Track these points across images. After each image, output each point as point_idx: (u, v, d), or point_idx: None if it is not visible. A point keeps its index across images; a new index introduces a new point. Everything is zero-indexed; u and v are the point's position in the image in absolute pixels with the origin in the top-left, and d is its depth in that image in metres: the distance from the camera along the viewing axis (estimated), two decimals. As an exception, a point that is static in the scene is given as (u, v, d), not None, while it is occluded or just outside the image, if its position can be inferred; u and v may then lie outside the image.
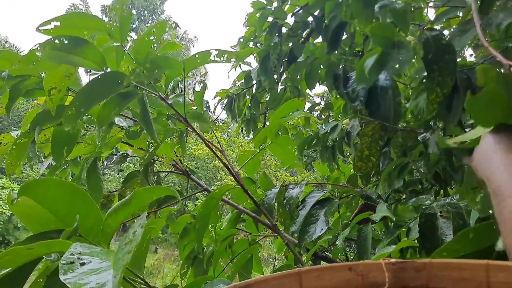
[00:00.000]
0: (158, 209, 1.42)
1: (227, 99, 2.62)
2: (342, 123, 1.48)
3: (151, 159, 1.34)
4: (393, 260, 0.39)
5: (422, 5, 1.31)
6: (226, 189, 1.22)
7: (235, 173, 1.18)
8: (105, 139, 1.27)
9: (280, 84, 2.37)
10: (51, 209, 0.55)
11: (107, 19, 1.08)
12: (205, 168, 16.62)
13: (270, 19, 2.06)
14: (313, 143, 1.83)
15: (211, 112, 1.46)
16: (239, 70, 2.51)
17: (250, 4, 2.10)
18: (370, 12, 1.25)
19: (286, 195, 1.25)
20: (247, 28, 2.37)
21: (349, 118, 1.39)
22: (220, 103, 2.67)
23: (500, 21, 0.89)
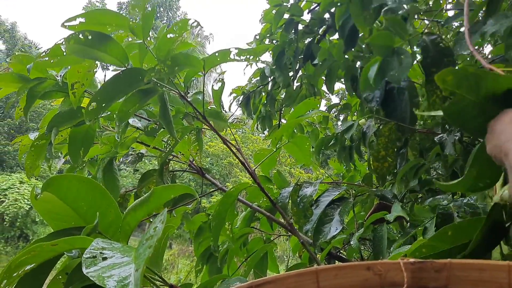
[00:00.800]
0: (173, 208, 1.43)
1: (242, 96, 2.62)
2: (358, 123, 1.47)
3: (166, 158, 1.36)
4: (412, 259, 0.39)
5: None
6: (242, 187, 1.22)
7: (252, 171, 1.19)
8: (121, 139, 1.28)
9: (296, 81, 2.36)
10: (72, 205, 0.56)
11: (127, 15, 1.09)
12: (220, 164, 16.67)
13: (286, 16, 2.05)
14: (331, 143, 1.82)
15: (225, 110, 1.46)
16: (254, 67, 2.51)
17: (266, 0, 2.10)
18: (368, 14, 1.26)
19: (300, 193, 1.25)
20: (263, 24, 2.37)
21: (366, 118, 1.38)
22: (235, 100, 2.68)
23: (486, 29, 0.90)
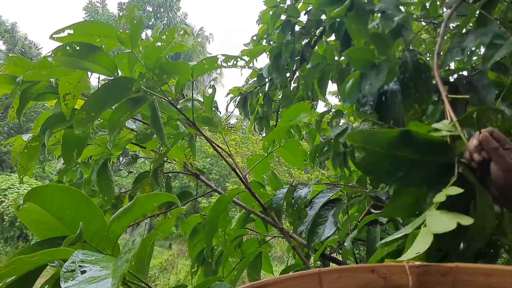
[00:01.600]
0: (168, 210, 1.44)
1: (239, 97, 2.62)
2: (352, 126, 1.47)
3: (161, 161, 1.36)
4: (417, 263, 0.38)
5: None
6: (235, 193, 1.23)
7: (243, 176, 1.19)
8: (115, 141, 1.28)
9: (293, 82, 2.36)
10: (57, 215, 0.56)
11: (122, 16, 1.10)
12: (220, 165, 16.66)
13: (283, 17, 2.05)
14: (325, 149, 1.83)
15: (219, 112, 1.46)
16: (252, 68, 2.51)
17: (263, 1, 2.10)
18: (363, 26, 1.28)
19: (294, 195, 1.25)
20: (260, 25, 2.37)
21: (360, 121, 1.39)
22: (232, 101, 2.68)
23: (465, 45, 0.93)
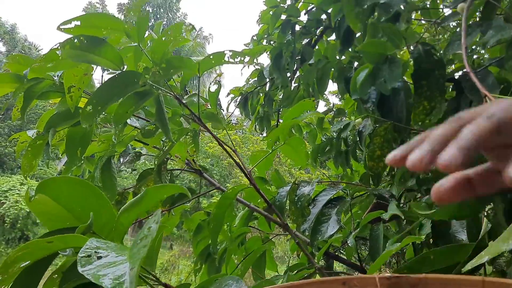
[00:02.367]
0: (172, 207, 1.44)
1: (240, 97, 2.63)
2: (354, 122, 1.47)
3: (164, 158, 1.36)
4: (387, 274, 0.39)
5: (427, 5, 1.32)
6: (239, 189, 1.23)
7: (248, 172, 1.19)
8: (122, 133, 1.29)
9: (293, 82, 2.37)
10: (66, 206, 0.57)
11: (123, 17, 1.10)
12: (220, 165, 16.67)
13: (283, 17, 2.06)
14: (327, 149, 1.83)
15: (223, 109, 1.47)
16: (252, 67, 2.52)
17: (263, 1, 2.10)
18: (361, 10, 1.26)
19: (297, 192, 1.26)
20: (260, 25, 2.38)
21: (362, 117, 1.39)
22: (233, 101, 2.69)
23: (487, 39, 0.91)
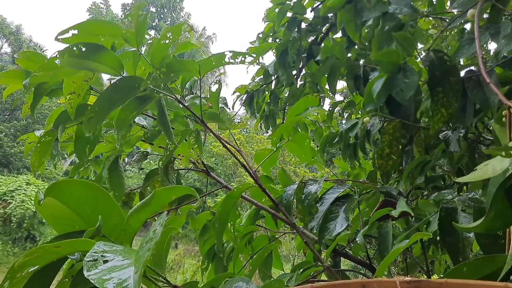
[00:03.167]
0: (178, 207, 1.44)
1: (246, 95, 2.62)
2: (362, 121, 1.46)
3: (170, 158, 1.36)
4: (408, 278, 0.38)
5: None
6: (244, 188, 1.22)
7: (252, 172, 1.19)
8: (125, 138, 1.29)
9: (299, 79, 2.36)
10: (75, 210, 0.57)
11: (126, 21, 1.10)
12: (224, 164, 16.69)
13: (289, 14, 2.05)
14: (336, 140, 1.82)
15: (229, 108, 1.46)
16: (258, 65, 2.51)
17: (269, -1, 2.09)
18: (359, 20, 1.25)
19: (305, 191, 1.25)
20: (266, 23, 2.37)
21: (370, 115, 1.38)
22: (239, 99, 2.68)
23: (499, 49, 0.89)
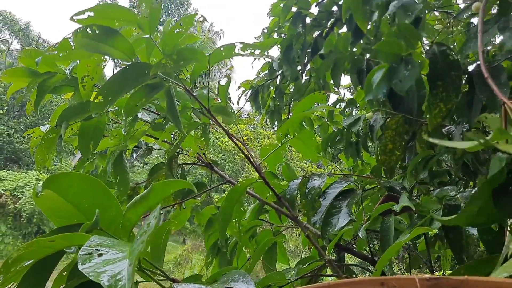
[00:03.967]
0: (182, 201, 1.44)
1: (251, 90, 2.62)
2: (365, 116, 1.45)
3: (175, 152, 1.37)
4: (427, 276, 0.38)
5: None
6: (248, 183, 1.23)
7: (257, 165, 1.19)
8: (130, 133, 1.29)
9: (304, 74, 2.35)
10: (73, 202, 0.57)
11: (137, 11, 1.10)
12: (232, 160, 16.73)
13: (294, 9, 2.04)
14: (337, 139, 1.81)
15: (232, 103, 1.46)
16: (263, 60, 2.51)
17: (274, -6, 2.09)
18: (368, 9, 1.23)
19: (308, 185, 1.25)
20: (271, 18, 2.36)
21: (373, 111, 1.37)
22: (244, 94, 2.68)
23: (504, 42, 0.88)
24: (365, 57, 1.65)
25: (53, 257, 0.52)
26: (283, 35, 2.30)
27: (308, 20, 2.07)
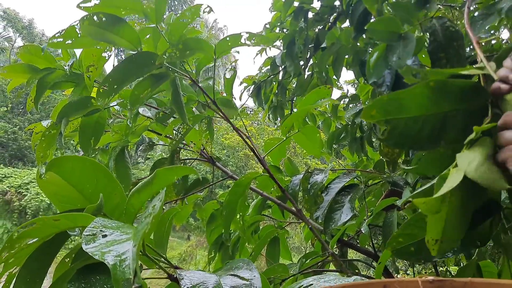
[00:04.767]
0: (185, 196, 1.44)
1: (253, 86, 2.61)
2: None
3: (177, 146, 1.36)
4: (430, 278, 0.37)
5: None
6: (253, 176, 1.22)
7: (261, 158, 1.18)
8: (132, 128, 1.29)
9: (307, 70, 2.34)
10: (77, 187, 0.57)
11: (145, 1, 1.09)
12: (236, 156, 16.74)
13: (296, 4, 2.03)
14: (342, 136, 1.80)
15: (235, 98, 1.46)
16: (265, 56, 2.50)
17: (276, -12, 2.08)
18: None
19: (310, 180, 1.25)
20: (273, 13, 2.35)
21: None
22: (246, 90, 2.67)
23: (502, 6, 0.86)
24: (368, 49, 1.64)
25: (56, 239, 0.52)
26: (285, 30, 2.30)
27: (310, 14, 2.06)
